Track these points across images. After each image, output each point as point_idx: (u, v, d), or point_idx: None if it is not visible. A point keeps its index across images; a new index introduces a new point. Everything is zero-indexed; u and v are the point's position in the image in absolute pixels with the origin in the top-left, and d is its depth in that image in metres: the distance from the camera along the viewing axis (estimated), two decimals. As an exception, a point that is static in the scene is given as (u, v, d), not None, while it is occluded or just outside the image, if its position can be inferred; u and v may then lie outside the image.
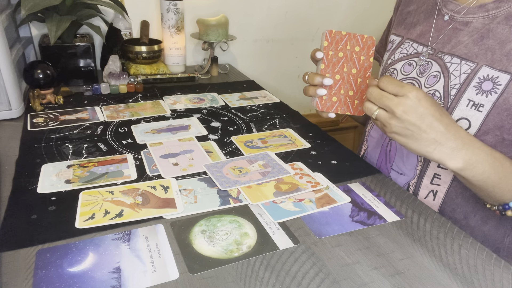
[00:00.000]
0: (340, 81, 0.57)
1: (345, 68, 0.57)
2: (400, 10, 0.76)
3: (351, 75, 0.57)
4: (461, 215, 0.61)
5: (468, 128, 0.57)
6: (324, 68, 0.57)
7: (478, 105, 0.56)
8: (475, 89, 0.56)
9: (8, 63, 0.72)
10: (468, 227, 0.61)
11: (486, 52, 0.56)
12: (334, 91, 0.58)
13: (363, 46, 0.56)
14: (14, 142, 0.67)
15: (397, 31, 0.74)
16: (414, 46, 0.67)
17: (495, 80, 0.54)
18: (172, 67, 1.10)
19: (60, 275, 0.41)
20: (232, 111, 0.87)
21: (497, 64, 0.55)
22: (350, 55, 0.56)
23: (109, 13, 1.05)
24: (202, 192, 0.56)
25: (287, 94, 1.43)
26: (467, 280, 0.44)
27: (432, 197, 0.64)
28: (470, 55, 0.58)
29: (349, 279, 0.43)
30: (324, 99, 0.58)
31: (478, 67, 0.56)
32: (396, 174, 0.69)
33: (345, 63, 0.57)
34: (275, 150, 0.70)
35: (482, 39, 0.57)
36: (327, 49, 0.56)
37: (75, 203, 0.52)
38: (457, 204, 0.61)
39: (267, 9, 1.27)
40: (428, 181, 0.64)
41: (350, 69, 0.57)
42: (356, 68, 0.57)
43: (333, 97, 0.58)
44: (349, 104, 0.60)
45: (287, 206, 0.54)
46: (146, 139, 0.70)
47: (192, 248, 0.46)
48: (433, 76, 0.61)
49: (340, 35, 0.56)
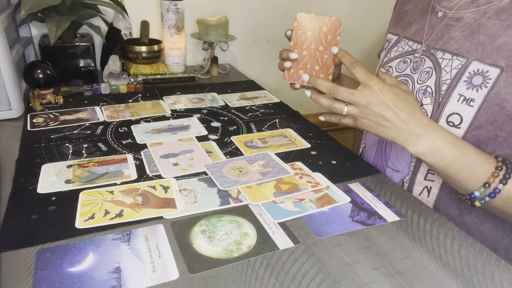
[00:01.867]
0: (307, 56, 0.63)
1: (312, 46, 0.63)
2: (397, 9, 0.77)
3: (318, 51, 0.63)
4: (455, 211, 0.61)
5: (460, 123, 0.57)
6: (293, 45, 0.64)
7: (469, 99, 0.56)
8: (466, 84, 0.56)
9: (8, 63, 0.72)
10: (464, 224, 0.61)
11: (477, 47, 0.57)
12: (301, 65, 0.64)
13: (330, 27, 0.62)
14: (14, 142, 0.67)
15: (394, 30, 0.75)
16: (410, 44, 0.68)
17: (485, 75, 0.55)
18: (172, 67, 1.10)
19: (60, 275, 0.41)
20: (232, 111, 0.87)
21: (487, 59, 0.55)
22: (317, 34, 0.62)
23: (109, 13, 1.05)
24: (202, 192, 0.56)
25: (287, 94, 1.43)
26: (467, 280, 0.44)
27: (427, 193, 0.64)
28: (461, 50, 0.58)
29: (349, 279, 0.43)
30: (292, 72, 0.65)
31: (468, 62, 0.57)
32: (392, 171, 0.69)
33: (313, 41, 0.63)
34: (275, 150, 0.70)
35: (473, 34, 0.58)
36: (296, 28, 0.63)
37: (75, 203, 0.52)
38: (451, 200, 0.61)
39: (267, 9, 1.27)
40: (422, 177, 0.64)
41: (317, 46, 0.63)
42: (323, 45, 0.63)
43: (300, 70, 0.64)
44: None
45: (287, 206, 0.54)
46: (146, 139, 0.70)
47: (192, 248, 0.46)
48: (425, 72, 0.62)
49: (309, 17, 0.62)
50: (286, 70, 0.65)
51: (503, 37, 0.54)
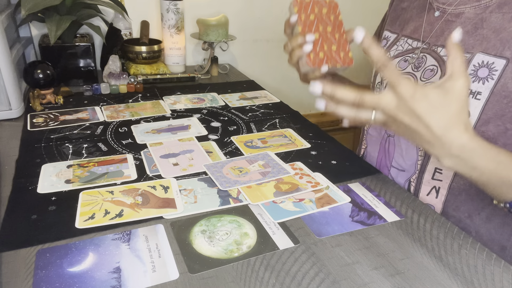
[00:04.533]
0: (320, 38, 0.60)
1: (320, 27, 0.60)
2: (394, 6, 0.76)
3: (328, 32, 0.60)
4: (465, 213, 0.61)
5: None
6: (302, 30, 0.60)
7: (476, 93, 0.55)
8: (471, 77, 0.55)
9: (8, 63, 0.72)
10: (473, 225, 0.61)
11: (481, 42, 0.56)
12: (318, 48, 0.60)
13: (329, 8, 0.60)
14: (14, 142, 0.67)
15: (391, 27, 0.74)
16: (409, 42, 0.68)
17: (490, 66, 0.54)
18: (172, 67, 1.10)
19: (60, 275, 0.41)
20: (232, 111, 0.87)
21: (492, 50, 0.54)
22: (320, 16, 0.60)
23: (109, 13, 1.05)
24: (202, 192, 0.56)
25: (287, 94, 1.43)
26: (467, 280, 0.44)
27: (435, 194, 0.63)
28: (466, 47, 0.58)
29: (349, 279, 0.43)
30: (312, 56, 0.59)
31: (473, 55, 0.56)
32: (397, 171, 0.68)
33: (319, 23, 0.60)
34: (275, 150, 0.70)
35: (476, 30, 0.57)
36: (299, 13, 0.59)
37: (75, 203, 0.52)
38: (460, 202, 0.61)
39: (267, 9, 1.27)
40: (429, 176, 0.63)
41: (325, 27, 0.60)
42: (330, 26, 0.60)
43: (319, 53, 0.60)
44: (336, 57, 0.62)
45: (287, 206, 0.54)
46: (146, 139, 0.70)
47: (192, 248, 0.46)
48: (429, 70, 0.61)
49: (306, 2, 0.60)
50: (306, 56, 0.59)
51: (507, 29, 0.54)
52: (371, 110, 0.49)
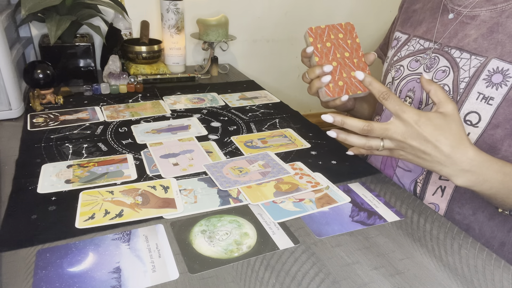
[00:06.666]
0: (338, 66, 0.61)
1: (338, 54, 0.60)
2: (405, 8, 0.76)
3: (346, 58, 0.60)
4: (470, 211, 0.61)
5: (478, 122, 0.56)
6: (319, 60, 0.60)
7: (488, 98, 0.55)
8: (485, 82, 0.56)
9: (8, 63, 0.72)
10: (477, 222, 0.61)
11: (496, 46, 0.56)
12: (337, 76, 0.61)
13: (345, 32, 0.60)
14: (14, 142, 0.67)
15: (403, 28, 0.74)
16: (421, 43, 0.68)
17: (505, 73, 0.54)
18: (172, 67, 1.10)
19: (60, 275, 0.41)
20: (232, 111, 0.87)
21: (507, 56, 0.55)
22: (336, 42, 0.60)
23: (109, 13, 1.05)
24: (202, 192, 0.56)
25: (287, 94, 1.44)
26: (467, 280, 0.44)
27: (441, 193, 0.63)
28: (480, 50, 0.58)
29: (349, 279, 0.43)
30: (331, 86, 0.61)
31: (487, 60, 0.56)
32: (403, 171, 0.68)
33: (336, 50, 0.60)
34: (275, 150, 0.70)
35: (491, 33, 0.57)
36: (314, 43, 0.60)
37: (75, 203, 0.52)
38: (466, 200, 0.61)
39: (267, 9, 1.27)
40: (437, 177, 0.63)
41: (343, 54, 0.60)
42: (348, 51, 0.60)
43: (338, 82, 0.60)
44: (355, 83, 0.62)
45: (287, 206, 0.54)
46: (146, 139, 0.70)
47: (192, 248, 0.46)
48: (441, 71, 0.61)
49: (321, 29, 0.60)
50: (326, 87, 0.61)
51: None
52: (380, 139, 0.52)
